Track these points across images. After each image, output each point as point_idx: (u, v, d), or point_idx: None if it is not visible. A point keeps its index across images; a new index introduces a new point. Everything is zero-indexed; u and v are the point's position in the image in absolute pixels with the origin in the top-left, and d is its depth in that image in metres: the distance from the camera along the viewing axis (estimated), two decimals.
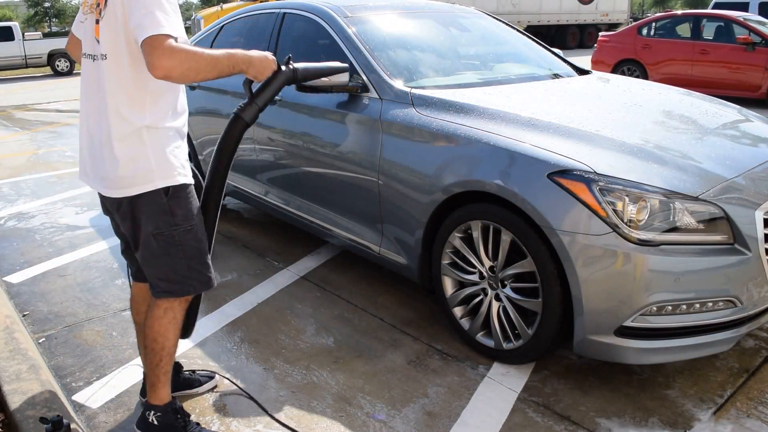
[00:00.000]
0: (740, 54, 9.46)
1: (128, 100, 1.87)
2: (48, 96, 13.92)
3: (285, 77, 2.09)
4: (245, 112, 2.05)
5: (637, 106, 3.03)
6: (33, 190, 5.72)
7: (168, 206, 1.95)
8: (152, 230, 1.95)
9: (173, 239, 1.97)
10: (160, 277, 2.02)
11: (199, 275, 2.06)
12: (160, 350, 2.08)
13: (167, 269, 2.01)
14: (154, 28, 1.71)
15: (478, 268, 2.65)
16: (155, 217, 1.94)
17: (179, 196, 1.96)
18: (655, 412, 2.32)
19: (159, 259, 1.99)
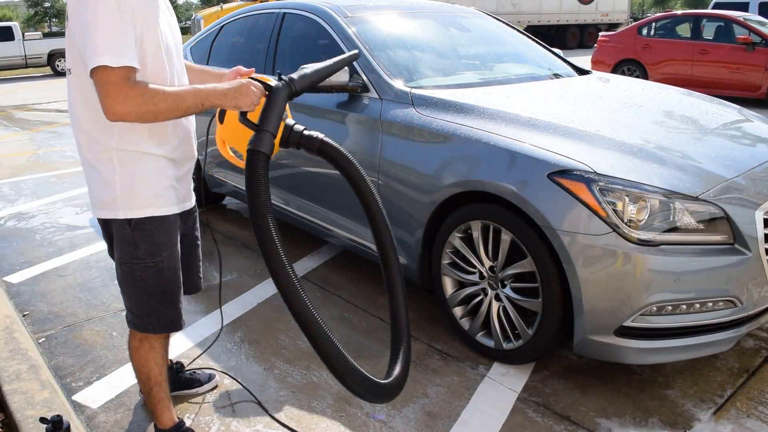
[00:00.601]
0: (740, 54, 9.46)
1: (95, 118, 1.69)
2: (48, 96, 13.92)
3: (284, 93, 1.82)
4: (259, 144, 1.72)
5: (637, 106, 3.03)
6: (33, 190, 5.72)
7: (131, 237, 1.80)
8: (118, 257, 1.86)
9: (134, 272, 1.84)
10: (127, 306, 1.94)
11: (160, 315, 1.91)
12: (146, 380, 2.02)
13: (129, 301, 1.91)
14: (99, 58, 1.50)
15: (478, 268, 2.65)
16: (119, 245, 1.83)
17: (144, 228, 1.79)
18: (655, 412, 2.32)
19: (124, 289, 1.90)
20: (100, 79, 1.52)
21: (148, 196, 1.77)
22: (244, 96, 1.72)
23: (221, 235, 4.35)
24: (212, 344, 2.81)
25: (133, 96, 1.53)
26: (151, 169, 1.77)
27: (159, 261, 1.84)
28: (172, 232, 1.86)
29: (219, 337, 2.93)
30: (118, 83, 1.52)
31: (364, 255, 3.22)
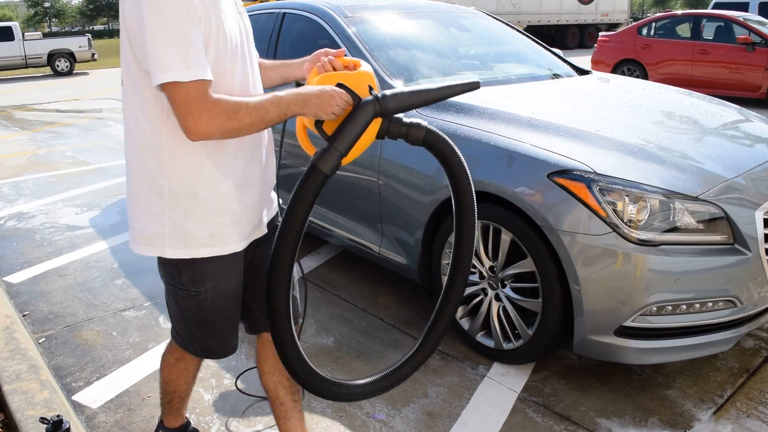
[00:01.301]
0: (740, 54, 9.46)
1: (145, 140, 1.49)
2: (48, 96, 13.93)
3: (369, 112, 1.51)
4: (323, 162, 1.50)
5: (637, 106, 3.03)
6: (33, 190, 5.72)
7: (176, 262, 1.59)
8: (162, 275, 1.68)
9: (176, 296, 1.66)
10: (172, 321, 1.78)
11: (200, 342, 1.74)
12: (171, 392, 1.96)
13: (173, 318, 1.76)
14: (167, 73, 1.31)
15: (478, 268, 2.65)
16: (163, 265, 1.64)
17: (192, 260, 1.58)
18: (655, 412, 2.32)
19: (168, 305, 1.74)
20: (177, 97, 1.34)
21: (200, 236, 1.54)
22: (326, 105, 1.51)
23: None
24: None
25: (217, 114, 1.36)
26: (206, 206, 1.53)
27: (201, 292, 1.62)
28: (225, 264, 1.62)
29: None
30: (200, 100, 1.34)
31: (365, 255, 3.22)
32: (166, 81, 1.32)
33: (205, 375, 2.61)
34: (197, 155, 1.49)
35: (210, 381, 2.57)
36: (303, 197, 1.51)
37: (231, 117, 1.37)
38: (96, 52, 21.21)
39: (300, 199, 1.51)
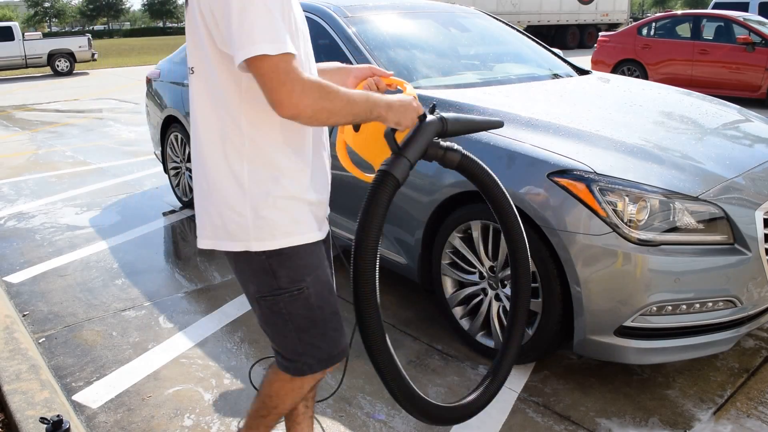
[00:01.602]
0: (740, 54, 9.46)
1: (224, 128, 1.42)
2: (48, 96, 13.93)
3: (435, 128, 1.59)
4: (395, 168, 1.52)
5: (637, 106, 3.03)
6: (33, 190, 5.72)
7: (268, 265, 1.49)
8: (254, 292, 1.54)
9: (278, 306, 1.53)
10: (274, 347, 1.63)
11: (315, 351, 1.58)
12: (272, 408, 1.70)
13: (277, 342, 1.59)
14: (256, 46, 1.25)
15: (478, 268, 2.65)
16: (254, 277, 1.51)
17: (282, 253, 1.49)
18: (655, 412, 2.32)
19: (268, 328, 1.59)
20: (267, 70, 1.26)
21: (284, 224, 1.48)
22: (408, 114, 1.50)
23: None
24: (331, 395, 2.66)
25: (309, 89, 1.28)
26: (286, 193, 1.47)
27: (304, 288, 1.53)
28: (316, 252, 1.57)
29: (219, 337, 2.93)
30: (291, 72, 1.26)
31: None
32: (256, 54, 1.25)
33: (205, 375, 2.62)
34: (276, 140, 1.44)
35: (210, 381, 2.58)
36: (378, 202, 1.48)
37: (323, 96, 1.30)
38: (96, 52, 21.21)
39: (375, 203, 1.48)
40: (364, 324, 1.51)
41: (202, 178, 1.49)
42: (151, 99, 5.18)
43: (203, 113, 1.44)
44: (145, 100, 5.35)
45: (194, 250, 4.15)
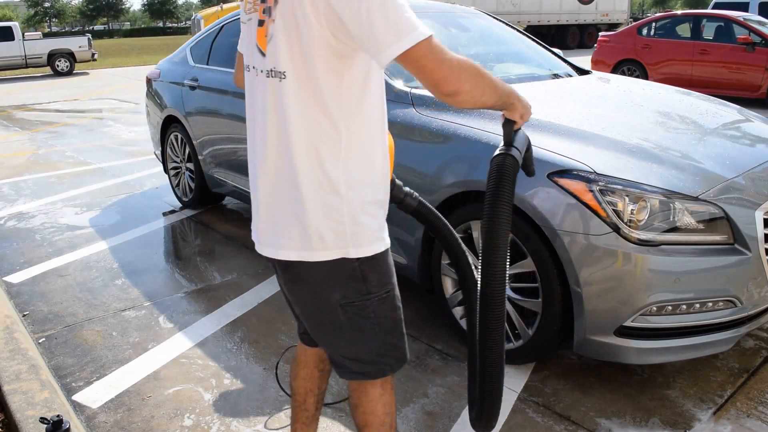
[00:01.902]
0: (740, 54, 9.46)
1: (323, 132, 1.37)
2: (48, 96, 13.93)
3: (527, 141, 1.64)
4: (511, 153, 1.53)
5: (637, 106, 3.03)
6: (33, 190, 5.72)
7: (360, 271, 1.47)
8: (339, 299, 1.48)
9: (366, 311, 1.51)
10: (348, 356, 1.57)
11: (395, 351, 1.59)
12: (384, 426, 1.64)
13: (358, 347, 1.55)
14: (418, 30, 1.26)
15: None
16: (343, 283, 1.47)
17: (373, 258, 1.48)
18: (655, 412, 2.32)
19: (346, 335, 1.54)
20: (425, 52, 1.26)
21: (375, 229, 1.46)
22: (528, 112, 1.58)
23: (221, 235, 4.35)
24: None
25: (465, 64, 1.30)
26: (376, 198, 1.46)
27: (390, 289, 1.54)
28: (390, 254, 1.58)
29: (219, 337, 2.93)
30: (446, 50, 1.29)
31: None
32: (417, 41, 1.25)
33: (205, 375, 2.62)
34: (369, 146, 1.42)
35: (210, 381, 2.58)
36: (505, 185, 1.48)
37: (476, 73, 1.31)
38: (96, 52, 21.21)
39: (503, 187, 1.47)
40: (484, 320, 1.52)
41: (291, 187, 1.41)
42: (151, 99, 5.18)
43: (294, 119, 1.36)
44: (145, 100, 5.35)
45: (194, 250, 4.15)
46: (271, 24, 1.33)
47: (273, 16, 1.32)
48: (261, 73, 1.39)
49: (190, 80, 4.51)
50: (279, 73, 1.35)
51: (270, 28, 1.34)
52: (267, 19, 1.34)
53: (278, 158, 1.41)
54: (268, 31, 1.35)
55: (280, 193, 1.43)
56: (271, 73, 1.36)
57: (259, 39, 1.38)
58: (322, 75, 1.32)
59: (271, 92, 1.38)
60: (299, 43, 1.31)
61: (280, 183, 1.43)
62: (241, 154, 4.01)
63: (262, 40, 1.37)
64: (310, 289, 1.50)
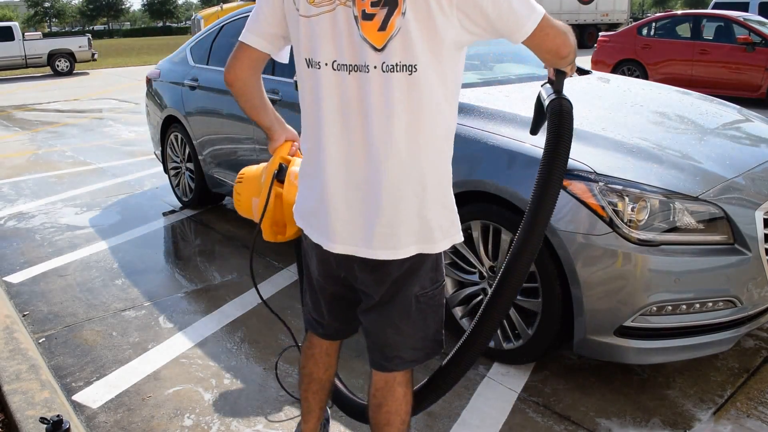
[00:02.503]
0: (740, 54, 9.46)
1: (446, 124, 1.44)
2: (48, 96, 13.93)
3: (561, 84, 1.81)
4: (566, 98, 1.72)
5: (637, 106, 3.03)
6: (33, 190, 5.72)
7: (436, 260, 1.54)
8: (417, 291, 1.52)
9: (433, 299, 1.57)
10: (407, 345, 1.61)
11: (441, 336, 1.68)
12: (407, 429, 1.73)
13: (418, 335, 1.60)
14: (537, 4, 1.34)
15: (478, 268, 2.64)
16: (425, 274, 1.52)
17: None
18: (655, 412, 2.32)
19: (411, 324, 1.57)
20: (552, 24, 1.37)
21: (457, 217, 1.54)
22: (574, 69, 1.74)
23: (221, 235, 4.35)
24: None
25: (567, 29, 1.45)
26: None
27: (444, 278, 1.62)
28: None
29: (219, 337, 2.93)
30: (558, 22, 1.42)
31: None
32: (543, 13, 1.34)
33: (205, 375, 2.62)
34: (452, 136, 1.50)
35: (210, 381, 2.58)
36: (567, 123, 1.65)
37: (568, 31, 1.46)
38: (96, 52, 21.21)
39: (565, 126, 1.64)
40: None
41: (413, 183, 1.41)
42: (151, 99, 5.18)
43: (426, 112, 1.37)
44: (145, 100, 5.35)
45: (194, 250, 4.15)
46: (399, 17, 1.29)
47: (402, 9, 1.28)
48: (367, 71, 1.34)
49: (190, 80, 4.51)
50: (408, 67, 1.32)
51: (397, 22, 1.29)
52: (378, 12, 1.30)
53: (392, 155, 1.38)
54: (391, 24, 1.30)
55: (395, 192, 1.40)
56: (396, 68, 1.32)
57: (368, 33, 1.32)
58: (447, 67, 1.36)
59: (393, 87, 1.33)
60: (431, 35, 1.30)
61: (396, 182, 1.40)
62: (241, 154, 4.01)
63: (377, 35, 1.31)
64: (396, 286, 1.51)
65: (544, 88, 1.75)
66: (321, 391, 1.87)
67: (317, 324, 1.80)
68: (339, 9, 1.34)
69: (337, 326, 1.79)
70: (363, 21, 1.32)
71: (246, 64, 1.57)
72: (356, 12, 1.32)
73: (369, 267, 1.49)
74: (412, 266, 1.48)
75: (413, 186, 1.41)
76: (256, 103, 1.68)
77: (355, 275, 1.54)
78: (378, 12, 1.30)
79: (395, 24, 1.29)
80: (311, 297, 1.76)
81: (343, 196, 1.44)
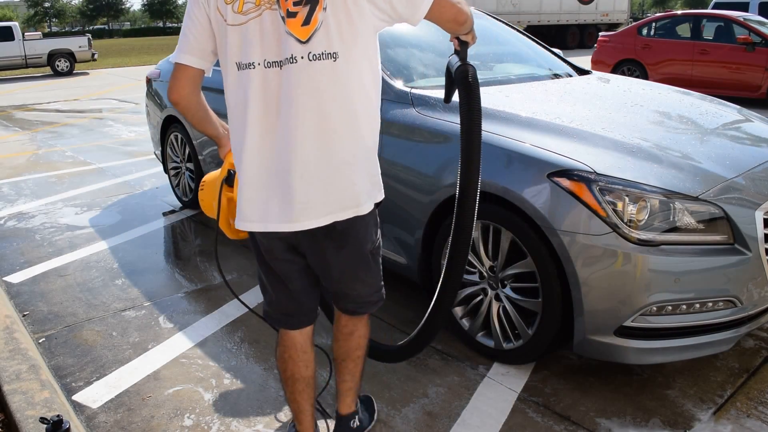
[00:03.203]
0: (740, 54, 9.46)
1: (371, 99, 1.65)
2: (48, 96, 13.93)
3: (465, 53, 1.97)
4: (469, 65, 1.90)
5: (637, 106, 3.03)
6: (33, 190, 5.72)
7: (376, 215, 1.83)
8: (370, 246, 1.81)
9: (378, 248, 1.89)
10: (374, 289, 1.92)
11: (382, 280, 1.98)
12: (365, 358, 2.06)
13: (377, 279, 1.91)
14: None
15: (478, 268, 2.65)
16: (373, 230, 1.81)
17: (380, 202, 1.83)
18: (655, 412, 2.32)
19: (371, 273, 1.87)
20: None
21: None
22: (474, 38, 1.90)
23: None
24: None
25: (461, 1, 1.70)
26: None
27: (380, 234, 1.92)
28: None
29: (219, 337, 2.93)
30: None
31: None
32: None
33: (205, 375, 2.62)
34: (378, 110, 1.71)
35: (210, 381, 2.58)
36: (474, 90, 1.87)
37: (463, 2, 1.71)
38: (96, 52, 21.21)
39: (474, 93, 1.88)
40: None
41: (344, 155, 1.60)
42: (151, 99, 5.18)
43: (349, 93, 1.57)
44: (145, 100, 5.35)
45: (194, 250, 4.15)
46: (321, 12, 1.50)
47: (324, 5, 1.49)
48: (295, 62, 1.52)
49: None
50: (332, 55, 1.52)
51: (320, 16, 1.50)
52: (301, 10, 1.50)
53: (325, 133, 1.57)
54: (314, 19, 1.50)
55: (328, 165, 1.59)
56: (321, 56, 1.52)
57: (293, 28, 1.51)
58: (366, 52, 1.58)
59: (320, 74, 1.53)
60: (348, 26, 1.52)
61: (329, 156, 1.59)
62: None
63: (301, 29, 1.51)
64: (356, 246, 1.76)
65: (451, 58, 1.95)
66: (307, 389, 1.94)
67: (287, 317, 1.89)
68: (265, 13, 1.52)
69: (308, 307, 1.90)
70: (288, 19, 1.51)
71: (185, 82, 1.72)
72: (282, 13, 1.51)
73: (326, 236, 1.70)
74: (363, 225, 1.74)
75: (343, 157, 1.60)
76: (201, 115, 1.83)
77: (320, 247, 1.74)
78: (300, 10, 1.50)
79: (318, 19, 1.50)
80: (275, 291, 1.86)
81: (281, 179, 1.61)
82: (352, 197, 1.64)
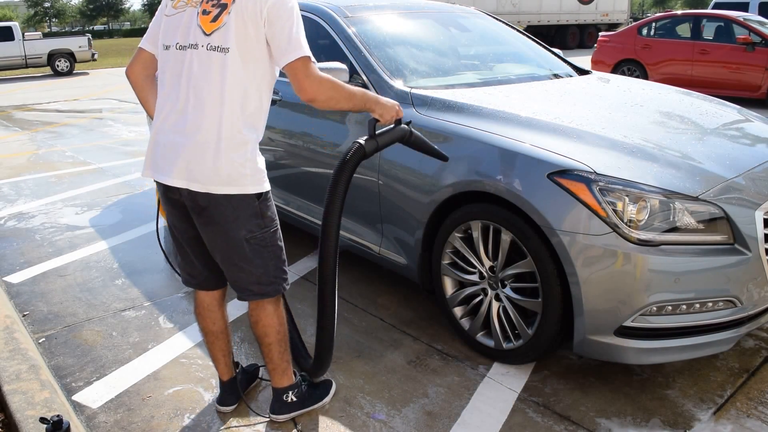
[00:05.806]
0: (740, 54, 9.46)
1: (245, 100, 1.91)
2: (48, 96, 13.93)
3: (402, 132, 2.21)
4: (367, 144, 2.13)
5: (637, 106, 3.03)
6: (33, 190, 5.72)
7: (259, 209, 2.00)
8: (245, 234, 1.99)
9: (264, 241, 2.04)
10: (253, 281, 2.08)
11: (283, 274, 2.14)
12: (283, 340, 2.22)
13: (260, 272, 2.07)
14: (300, 50, 1.85)
15: (478, 268, 2.65)
16: (247, 220, 1.98)
17: (267, 199, 2.04)
18: (655, 412, 2.32)
19: (251, 263, 2.04)
20: (300, 69, 1.86)
21: (264, 172, 2.00)
22: (390, 112, 2.14)
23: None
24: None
25: (325, 81, 1.89)
26: (257, 151, 2.00)
27: (278, 224, 2.10)
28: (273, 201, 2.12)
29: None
30: (312, 68, 1.87)
31: (364, 255, 3.22)
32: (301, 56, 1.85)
33: (205, 375, 2.62)
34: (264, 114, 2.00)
35: (210, 381, 2.58)
36: (346, 166, 2.11)
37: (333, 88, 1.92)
38: (96, 52, 21.20)
39: (344, 167, 2.11)
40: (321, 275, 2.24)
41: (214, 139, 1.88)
42: None
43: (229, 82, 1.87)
44: None
45: None
46: (226, 15, 1.87)
47: (229, 10, 1.87)
48: (196, 48, 1.89)
49: None
50: (224, 49, 1.87)
51: (225, 18, 1.87)
52: (213, 10, 1.89)
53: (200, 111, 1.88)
54: (220, 19, 1.87)
55: (193, 138, 1.88)
56: (216, 48, 1.87)
57: (203, 23, 1.90)
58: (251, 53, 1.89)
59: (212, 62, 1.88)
60: (242, 31, 1.86)
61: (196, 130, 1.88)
62: None
63: (208, 25, 1.89)
64: (224, 228, 1.97)
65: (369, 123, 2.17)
66: (217, 341, 2.29)
67: (191, 278, 2.23)
68: (188, 9, 1.94)
69: (207, 274, 2.19)
70: (202, 16, 1.91)
71: (139, 63, 2.11)
72: (199, 10, 1.92)
73: (196, 211, 1.96)
74: (232, 212, 1.94)
75: (206, 136, 1.88)
76: (144, 95, 2.15)
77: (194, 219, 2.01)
78: (213, 10, 1.89)
79: (223, 19, 1.87)
80: (179, 251, 2.20)
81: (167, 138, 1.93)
82: (205, 174, 1.88)
